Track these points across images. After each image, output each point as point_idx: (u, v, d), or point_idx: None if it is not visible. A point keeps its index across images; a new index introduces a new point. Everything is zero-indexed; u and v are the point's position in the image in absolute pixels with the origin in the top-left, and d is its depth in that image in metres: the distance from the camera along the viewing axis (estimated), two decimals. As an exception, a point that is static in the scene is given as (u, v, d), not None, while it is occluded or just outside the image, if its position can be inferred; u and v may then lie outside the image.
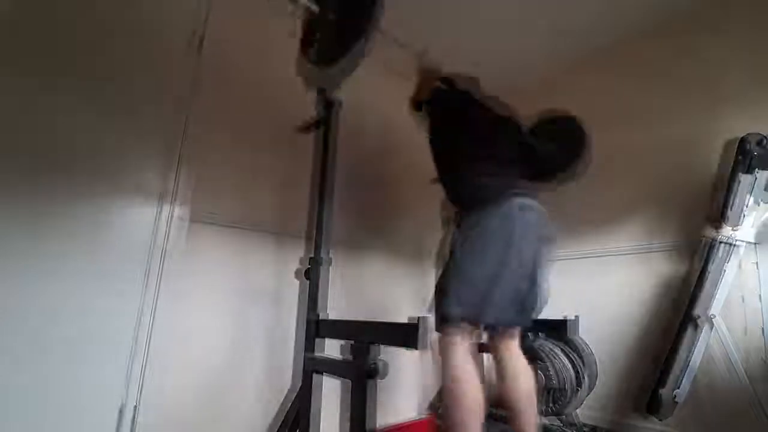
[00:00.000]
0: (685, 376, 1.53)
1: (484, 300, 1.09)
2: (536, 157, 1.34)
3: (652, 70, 2.21)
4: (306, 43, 1.21)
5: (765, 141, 1.59)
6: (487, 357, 1.65)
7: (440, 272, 1.21)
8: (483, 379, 1.70)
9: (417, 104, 1.40)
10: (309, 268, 1.25)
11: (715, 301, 1.55)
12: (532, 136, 1.61)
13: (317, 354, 1.18)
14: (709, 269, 1.59)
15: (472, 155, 1.26)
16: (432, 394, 2.15)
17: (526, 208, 1.16)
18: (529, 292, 1.21)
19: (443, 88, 1.40)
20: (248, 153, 1.73)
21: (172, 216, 1.42)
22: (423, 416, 2.06)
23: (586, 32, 2.31)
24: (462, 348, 1.10)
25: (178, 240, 1.43)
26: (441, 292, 1.16)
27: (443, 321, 1.10)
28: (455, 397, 1.06)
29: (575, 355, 1.66)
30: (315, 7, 1.09)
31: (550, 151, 1.48)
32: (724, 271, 1.56)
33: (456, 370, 1.08)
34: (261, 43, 1.83)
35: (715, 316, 1.53)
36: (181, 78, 1.53)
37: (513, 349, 1.28)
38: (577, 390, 1.61)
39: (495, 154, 1.26)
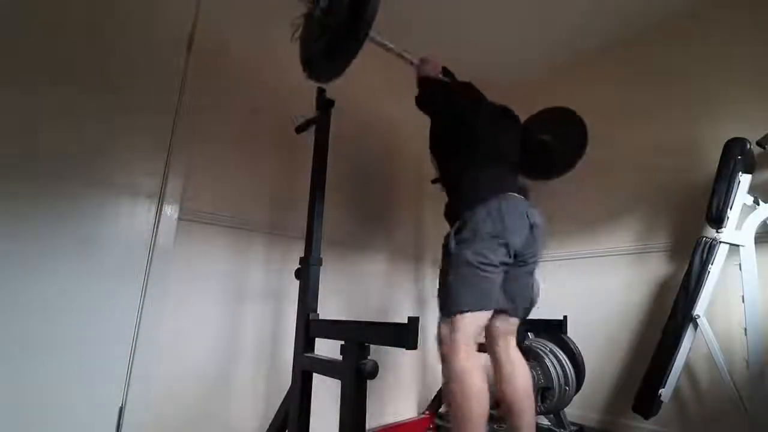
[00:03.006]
0: (671, 375, 1.56)
1: (477, 293, 1.14)
2: (537, 148, 1.41)
3: (650, 70, 2.24)
4: (305, 38, 1.23)
5: (749, 145, 1.63)
6: (485, 357, 1.66)
7: (439, 270, 1.26)
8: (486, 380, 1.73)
9: (419, 102, 1.43)
10: (299, 267, 1.24)
11: (699, 302, 1.58)
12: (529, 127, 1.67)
13: (308, 354, 1.17)
14: (694, 270, 1.62)
15: (471, 149, 1.30)
16: (430, 394, 2.17)
17: (511, 202, 1.21)
18: (521, 282, 1.26)
19: (439, 80, 1.43)
20: (248, 153, 1.72)
21: (160, 215, 1.41)
22: (422, 415, 2.07)
23: (585, 32, 2.35)
24: (466, 346, 1.11)
25: (171, 240, 1.42)
26: (441, 288, 1.21)
27: (446, 315, 1.15)
28: (461, 396, 1.06)
29: (564, 355, 1.69)
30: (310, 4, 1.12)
31: (549, 141, 1.57)
32: (709, 272, 1.59)
33: (460, 370, 1.08)
34: (254, 42, 1.82)
35: (699, 317, 1.56)
36: (172, 77, 1.52)
37: (511, 351, 1.29)
38: (565, 389, 1.63)
39: (494, 148, 1.30)
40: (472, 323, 1.14)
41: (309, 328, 1.19)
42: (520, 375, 1.26)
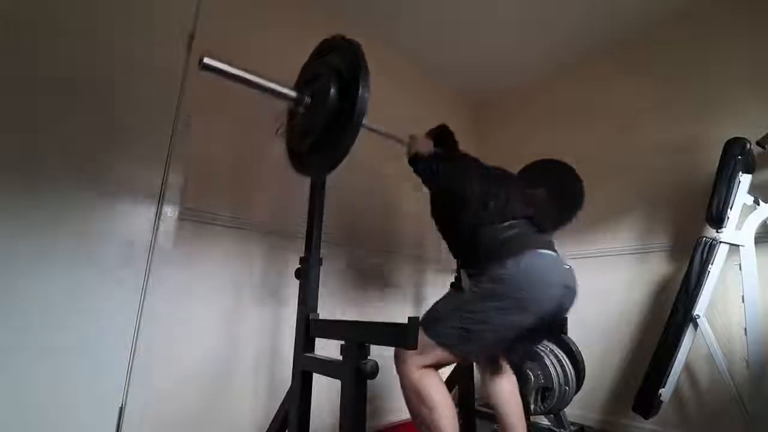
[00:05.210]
0: (671, 375, 1.56)
1: (472, 342, 1.05)
2: (537, 209, 1.29)
3: (650, 70, 2.24)
4: (291, 132, 1.19)
5: (749, 145, 1.63)
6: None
7: (445, 302, 1.17)
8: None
9: (413, 165, 1.38)
10: (299, 267, 1.24)
11: (699, 302, 1.58)
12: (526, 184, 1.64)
13: (308, 354, 1.17)
14: (694, 270, 1.62)
15: (483, 211, 1.19)
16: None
17: (545, 262, 1.11)
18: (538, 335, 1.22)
19: (432, 155, 1.37)
20: (248, 151, 1.72)
21: (160, 215, 1.41)
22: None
23: (585, 32, 2.34)
24: (423, 367, 1.05)
25: (171, 240, 1.42)
26: (435, 311, 1.13)
27: (425, 335, 1.04)
28: (426, 413, 1.01)
29: (564, 355, 1.69)
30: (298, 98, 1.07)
31: (546, 202, 1.49)
32: (709, 272, 1.59)
33: (429, 394, 1.02)
34: (254, 41, 1.82)
35: (699, 317, 1.56)
36: (172, 76, 1.52)
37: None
38: (565, 389, 1.63)
39: (505, 207, 1.20)
40: (444, 359, 1.06)
41: (309, 328, 1.19)
42: (504, 378, 1.30)
